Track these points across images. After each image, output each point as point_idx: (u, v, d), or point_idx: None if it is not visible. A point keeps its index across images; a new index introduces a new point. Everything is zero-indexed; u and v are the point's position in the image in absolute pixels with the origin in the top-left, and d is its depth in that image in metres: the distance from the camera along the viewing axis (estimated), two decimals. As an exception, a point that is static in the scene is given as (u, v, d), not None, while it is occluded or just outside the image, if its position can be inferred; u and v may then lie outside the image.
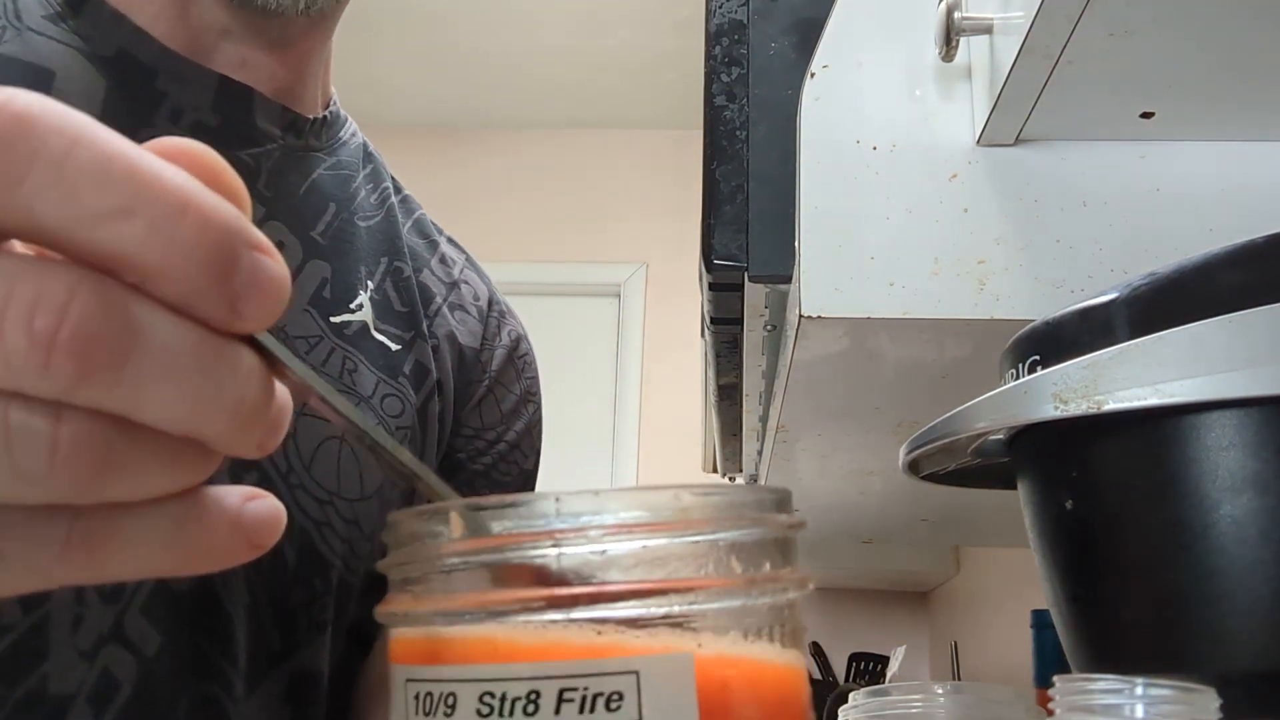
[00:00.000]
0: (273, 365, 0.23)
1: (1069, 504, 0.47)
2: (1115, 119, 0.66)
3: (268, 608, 0.57)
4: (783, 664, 0.25)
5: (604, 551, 0.22)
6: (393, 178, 0.74)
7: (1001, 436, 0.53)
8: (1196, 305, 0.43)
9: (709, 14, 0.82)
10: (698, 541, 0.23)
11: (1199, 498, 0.42)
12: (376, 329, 0.65)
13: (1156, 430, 0.44)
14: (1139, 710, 0.36)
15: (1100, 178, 0.67)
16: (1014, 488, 0.54)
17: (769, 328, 0.84)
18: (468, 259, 0.79)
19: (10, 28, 0.55)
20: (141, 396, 0.20)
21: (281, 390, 0.23)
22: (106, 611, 0.50)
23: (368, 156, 0.72)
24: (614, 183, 2.92)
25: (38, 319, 0.19)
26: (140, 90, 0.57)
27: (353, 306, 0.64)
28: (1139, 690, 0.36)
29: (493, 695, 0.22)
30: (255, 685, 0.56)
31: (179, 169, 0.21)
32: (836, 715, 0.75)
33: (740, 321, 0.85)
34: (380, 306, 0.66)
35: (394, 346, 0.66)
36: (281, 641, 0.58)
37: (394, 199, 0.73)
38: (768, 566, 0.25)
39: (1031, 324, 0.51)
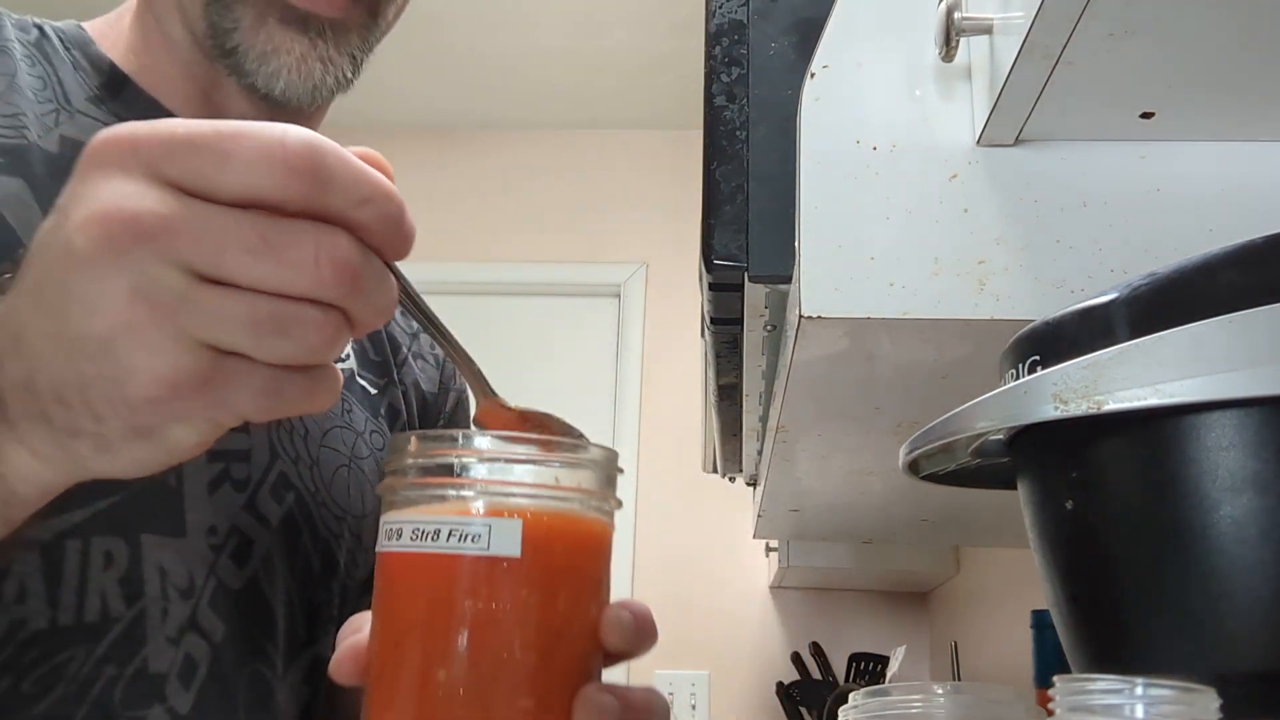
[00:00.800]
0: (397, 278, 0.41)
1: (1069, 504, 0.47)
2: (1115, 119, 0.66)
3: (299, 603, 0.67)
4: (577, 520, 0.44)
5: (477, 462, 0.44)
6: None
7: (1001, 436, 0.53)
8: (1196, 305, 0.43)
9: (709, 14, 0.82)
10: (532, 463, 0.44)
11: (1199, 498, 0.42)
12: (359, 375, 0.76)
13: (1156, 430, 0.44)
14: (1139, 710, 0.36)
15: (1100, 178, 0.67)
16: (1014, 488, 0.54)
17: (769, 328, 0.84)
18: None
19: (63, 110, 0.64)
20: (358, 284, 0.37)
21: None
22: (185, 606, 0.60)
23: None
24: (614, 183, 2.92)
25: (322, 253, 0.36)
26: None
27: (343, 356, 0.74)
28: (1139, 690, 0.36)
29: (420, 529, 0.42)
30: (288, 666, 0.66)
31: (376, 170, 0.38)
32: (836, 715, 0.75)
33: (740, 321, 0.85)
34: (360, 355, 0.77)
35: (373, 391, 0.77)
36: (307, 632, 0.68)
37: None
38: (581, 480, 0.44)
39: (1031, 324, 0.51)
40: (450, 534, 0.42)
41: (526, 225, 2.92)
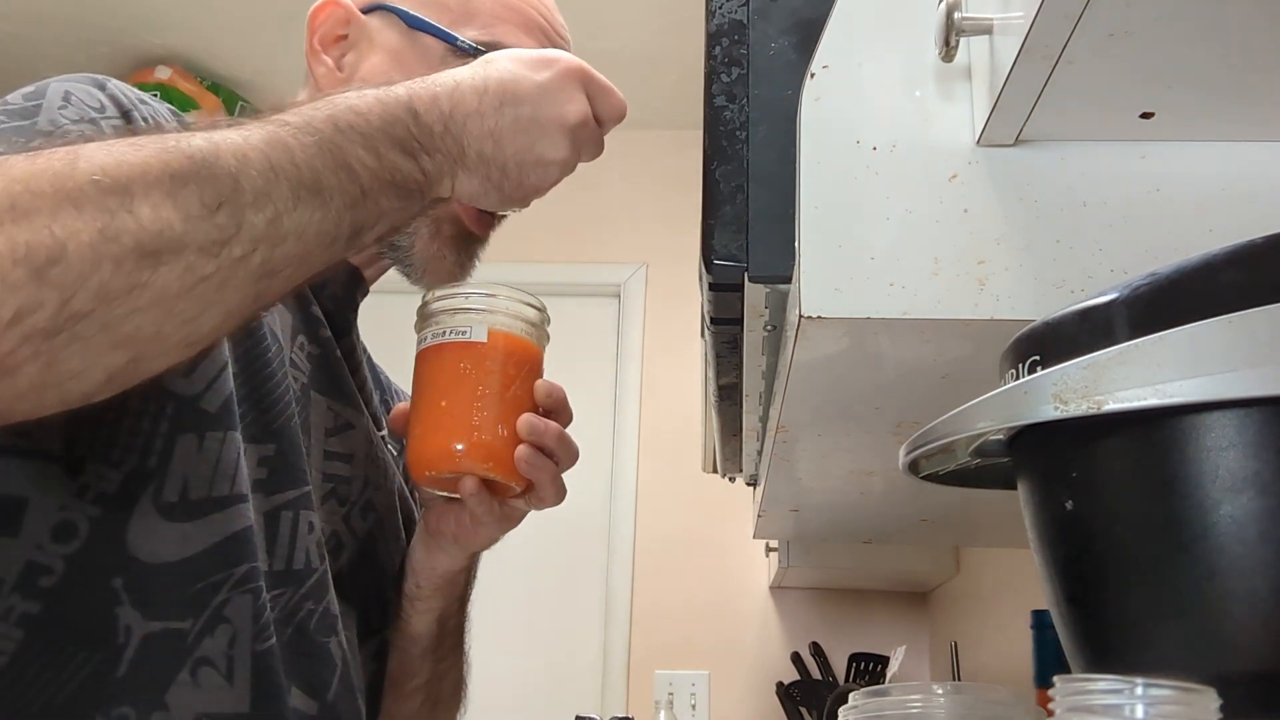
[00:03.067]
0: None
1: (1069, 504, 0.47)
2: (1115, 119, 0.66)
3: (374, 596, 0.89)
4: (518, 337, 0.81)
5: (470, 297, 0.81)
6: None
7: (1001, 436, 0.53)
8: (1196, 305, 0.43)
9: (709, 14, 0.82)
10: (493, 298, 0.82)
11: (1199, 498, 0.42)
12: (387, 440, 0.97)
13: (1156, 430, 0.44)
14: (1139, 710, 0.36)
15: (1100, 178, 0.67)
16: (1014, 488, 0.54)
17: (769, 328, 0.84)
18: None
19: None
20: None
21: None
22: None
23: None
24: (614, 183, 2.91)
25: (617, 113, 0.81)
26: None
27: (383, 424, 0.96)
28: (1139, 690, 0.36)
29: (436, 331, 0.81)
30: (364, 641, 0.88)
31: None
32: (836, 715, 0.75)
33: (740, 321, 0.85)
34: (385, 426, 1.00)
35: (395, 451, 0.97)
36: (379, 619, 0.90)
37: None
38: (518, 309, 0.82)
39: (1031, 324, 0.51)
40: (451, 332, 0.79)
41: (526, 225, 2.91)
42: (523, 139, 0.71)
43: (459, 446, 0.77)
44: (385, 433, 0.95)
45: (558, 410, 0.83)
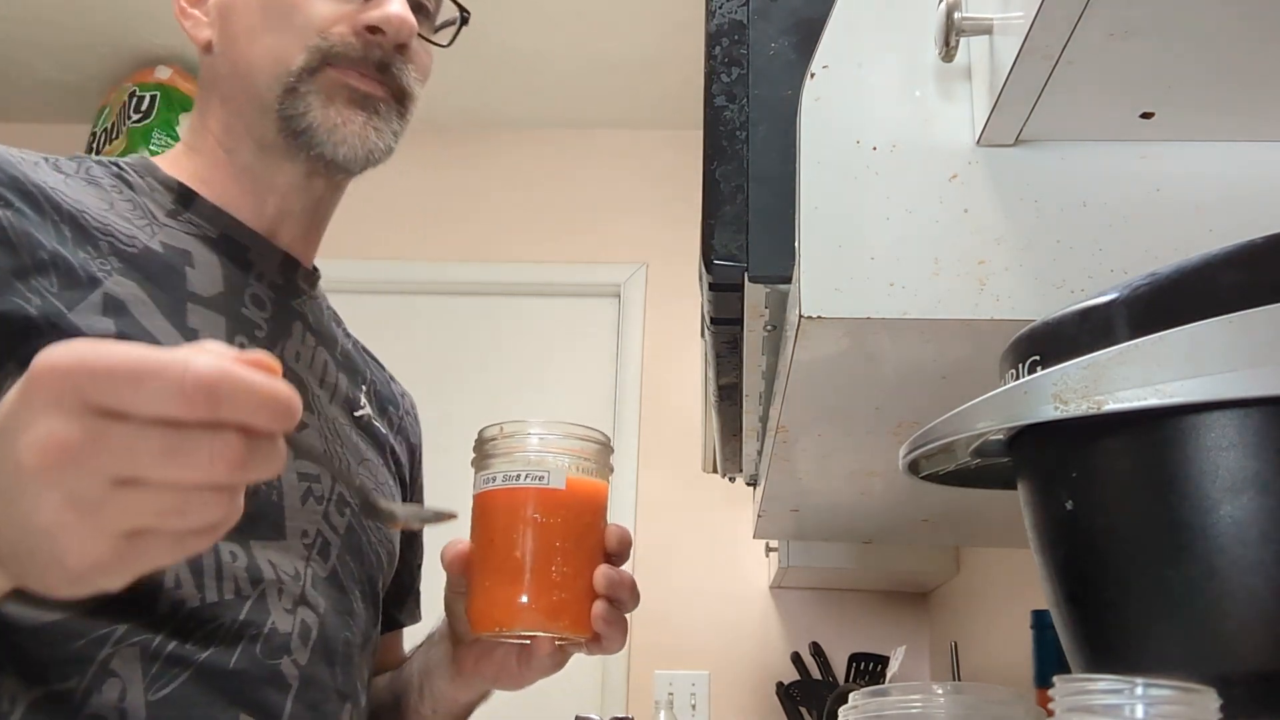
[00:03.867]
0: (288, 440, 0.49)
1: (1069, 504, 0.47)
2: (1115, 119, 0.66)
3: (367, 592, 0.88)
4: (593, 480, 0.78)
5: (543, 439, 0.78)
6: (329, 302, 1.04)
7: (1001, 436, 0.53)
8: (1196, 305, 0.43)
9: (709, 14, 0.82)
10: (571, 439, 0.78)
11: (1199, 498, 0.42)
12: (374, 420, 0.95)
13: (1156, 430, 0.44)
14: (1139, 710, 0.36)
15: (1100, 178, 0.67)
16: (1014, 488, 0.54)
17: (769, 328, 0.84)
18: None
19: (153, 223, 0.82)
20: (247, 469, 0.46)
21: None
22: (296, 585, 0.79)
23: (324, 295, 0.98)
24: (614, 183, 2.91)
25: (215, 453, 0.45)
26: (240, 261, 0.85)
27: (361, 404, 0.94)
28: (1139, 690, 0.36)
29: (508, 473, 0.76)
30: (364, 640, 0.86)
31: (263, 372, 0.46)
32: (836, 715, 0.75)
33: (740, 321, 0.85)
34: (374, 407, 0.97)
35: (384, 431, 0.97)
36: (372, 615, 0.89)
37: (345, 327, 1.01)
38: (593, 450, 0.79)
39: (1031, 324, 0.51)
40: (527, 475, 0.75)
41: (526, 225, 2.91)
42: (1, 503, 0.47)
43: (536, 604, 0.75)
44: (364, 413, 0.93)
45: (624, 552, 0.81)
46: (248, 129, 0.86)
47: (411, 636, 1.03)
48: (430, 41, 0.91)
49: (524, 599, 0.74)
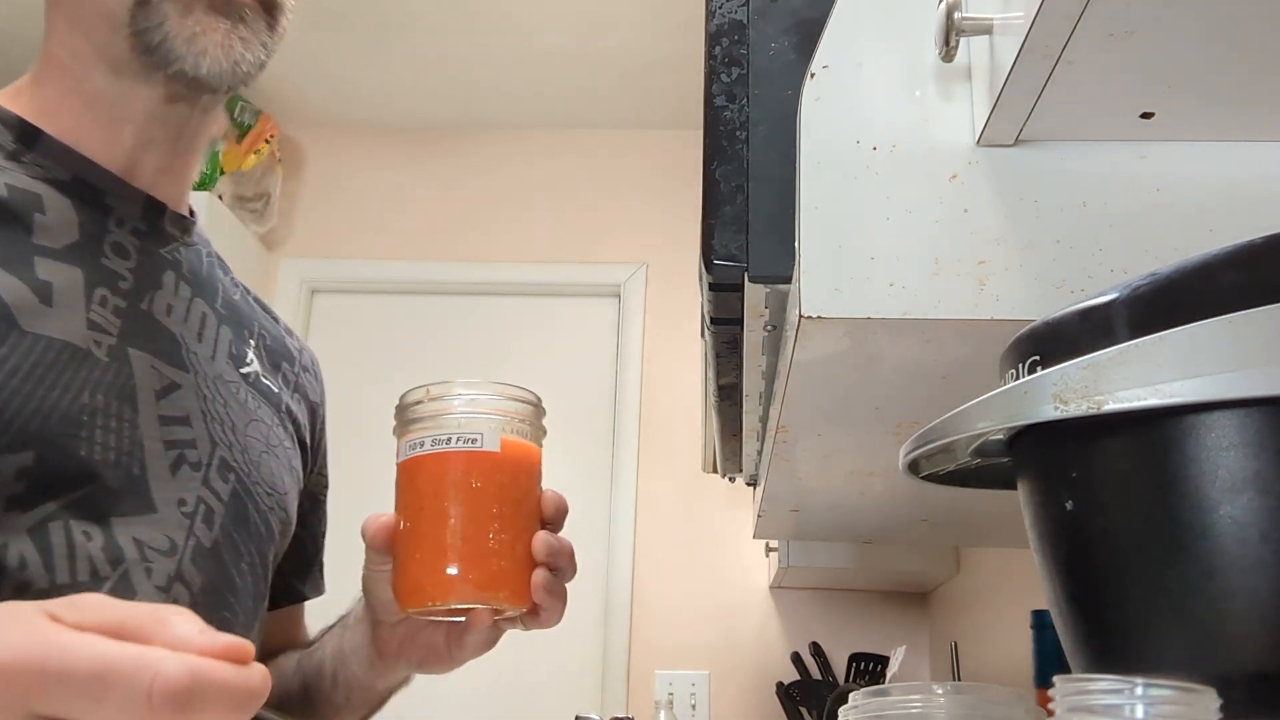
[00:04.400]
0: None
1: (1069, 504, 0.47)
2: (1115, 119, 0.66)
3: (256, 563, 0.82)
4: (527, 443, 0.73)
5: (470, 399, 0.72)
6: (214, 249, 0.93)
7: (1001, 436, 0.53)
8: (1196, 305, 0.43)
9: (709, 15, 0.82)
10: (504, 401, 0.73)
11: (1199, 498, 0.42)
12: (263, 377, 0.88)
13: (1156, 430, 0.44)
14: (1139, 710, 0.36)
15: (1100, 178, 0.67)
16: (1014, 488, 0.54)
17: (769, 328, 0.84)
18: (289, 326, 1.02)
19: None
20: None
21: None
22: (169, 562, 0.73)
23: (206, 242, 0.90)
24: (614, 183, 2.91)
25: None
26: (96, 206, 0.77)
27: (248, 360, 0.87)
28: (1139, 690, 0.36)
29: (438, 437, 0.70)
30: (249, 616, 0.82)
31: (239, 673, 0.41)
32: (836, 715, 0.75)
33: (740, 321, 0.85)
34: (262, 362, 0.90)
35: (275, 389, 0.90)
36: (258, 587, 0.83)
37: (233, 276, 0.93)
38: (526, 410, 0.73)
39: (1031, 324, 0.51)
40: (458, 439, 0.70)
41: (527, 225, 2.92)
42: None
43: (472, 575, 0.69)
44: (250, 369, 0.86)
45: (560, 519, 0.76)
46: (97, 51, 0.76)
47: (317, 612, 0.98)
48: None
49: (459, 569, 0.69)
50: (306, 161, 2.98)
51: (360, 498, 0.98)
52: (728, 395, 1.08)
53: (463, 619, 0.75)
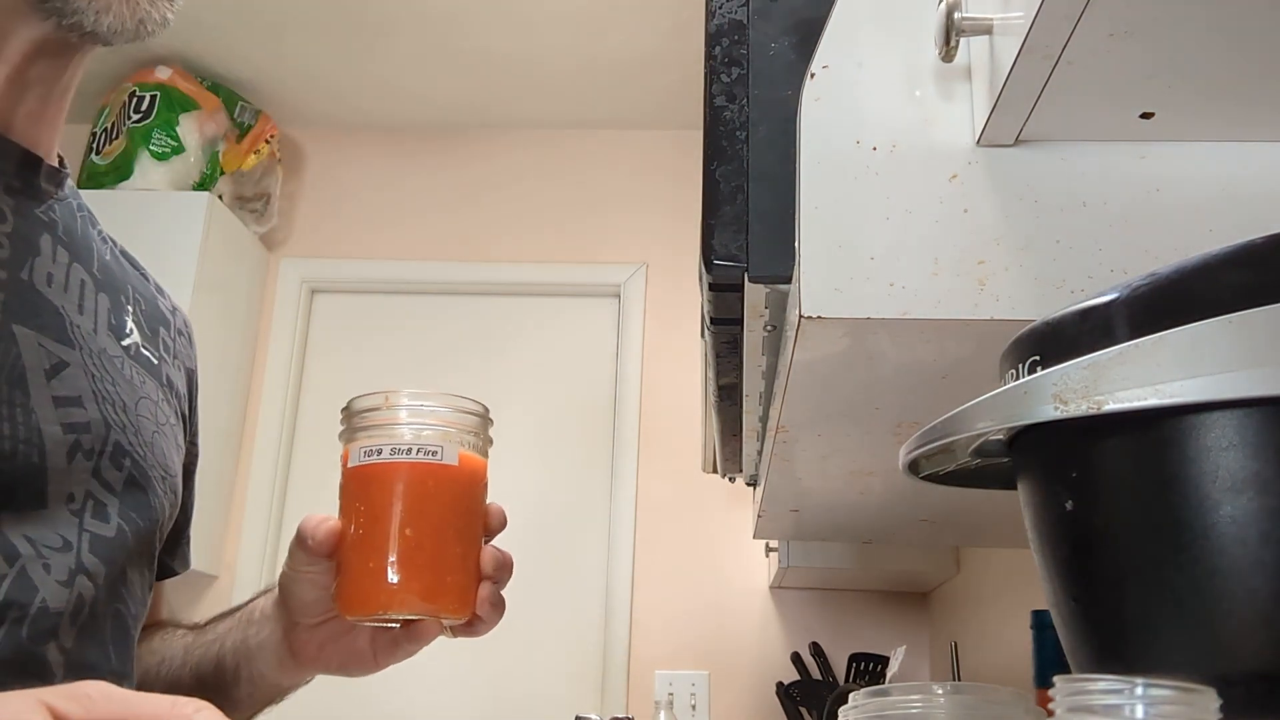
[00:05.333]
0: None
1: (1069, 504, 0.47)
2: (1115, 119, 0.66)
3: (144, 550, 0.77)
4: (479, 457, 0.73)
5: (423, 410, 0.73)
6: (84, 201, 0.86)
7: (1001, 436, 0.53)
8: (1196, 305, 0.43)
9: (709, 14, 0.82)
10: (459, 413, 0.73)
11: (1199, 498, 0.42)
12: (143, 348, 0.82)
13: (1156, 430, 0.44)
14: (1139, 710, 0.36)
15: (1100, 178, 0.67)
16: (1014, 488, 0.54)
17: (769, 328, 0.84)
18: (159, 284, 0.93)
19: None
20: None
21: None
22: (68, 556, 0.68)
23: (76, 192, 0.82)
24: (614, 183, 2.91)
25: None
26: None
27: (128, 330, 0.80)
28: (1139, 690, 0.36)
29: (396, 447, 0.71)
30: (139, 606, 0.78)
31: None
32: (836, 715, 0.75)
33: (740, 321, 0.85)
34: (140, 331, 0.82)
35: (154, 361, 0.83)
36: (147, 575, 0.79)
37: (103, 230, 0.85)
38: (478, 424, 0.74)
39: (1031, 324, 0.51)
40: (419, 450, 0.71)
41: (527, 225, 2.92)
42: None
43: (425, 585, 0.70)
44: (131, 343, 0.80)
45: (501, 530, 0.76)
46: None
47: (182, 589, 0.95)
48: None
49: (411, 581, 0.69)
50: (306, 161, 2.98)
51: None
52: (728, 395, 1.08)
53: (398, 625, 0.75)
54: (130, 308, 0.81)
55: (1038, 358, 0.48)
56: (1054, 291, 0.66)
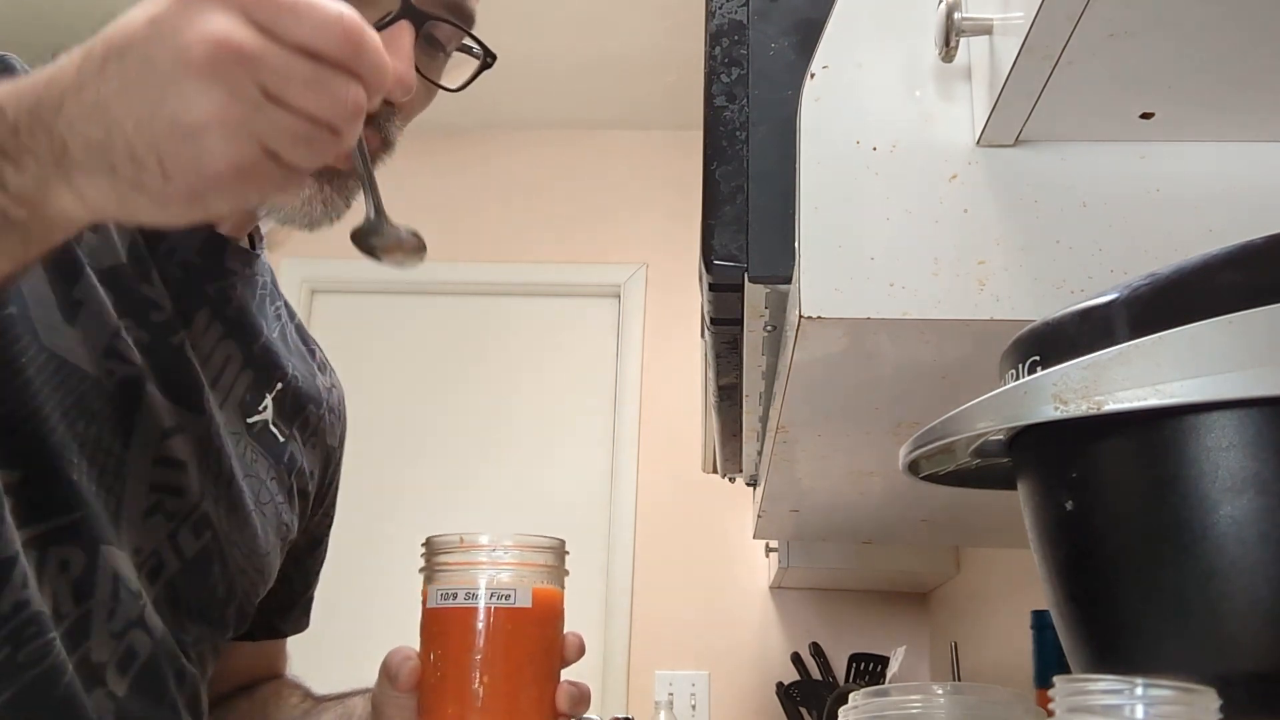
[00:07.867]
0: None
1: (1069, 504, 0.47)
2: (1115, 119, 0.66)
3: (210, 617, 0.81)
4: (555, 590, 0.74)
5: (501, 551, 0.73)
6: (273, 277, 0.93)
7: (1001, 437, 0.53)
8: (1196, 305, 0.43)
9: (709, 15, 0.82)
10: (532, 551, 0.75)
11: (1199, 498, 0.42)
12: (272, 424, 0.86)
13: (1156, 430, 0.44)
14: (1139, 710, 0.36)
15: (1100, 178, 0.67)
16: (1014, 488, 0.54)
17: (769, 328, 0.84)
18: (326, 358, 1.00)
19: None
20: (361, 117, 0.50)
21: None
22: (135, 605, 0.72)
23: (266, 269, 0.90)
24: (614, 183, 2.91)
25: (349, 96, 0.49)
26: (148, 231, 0.75)
27: (261, 408, 0.85)
28: (1139, 690, 0.36)
29: (471, 592, 0.72)
30: (205, 667, 0.82)
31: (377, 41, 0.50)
32: (836, 715, 0.75)
33: (740, 322, 0.85)
34: (278, 406, 0.87)
35: (280, 439, 0.87)
36: (213, 639, 0.82)
37: (284, 304, 0.92)
38: (553, 557, 0.75)
39: (1031, 324, 0.51)
40: (492, 594, 0.72)
41: (527, 225, 2.92)
42: (139, 102, 0.47)
43: None
44: (258, 420, 0.84)
45: (578, 658, 0.77)
46: None
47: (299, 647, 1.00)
48: (436, 85, 0.82)
49: None
50: (306, 161, 2.98)
51: (358, 498, 0.99)
52: (728, 395, 1.08)
53: None
54: (279, 386, 0.87)
55: (1038, 358, 0.48)
56: (1054, 292, 0.66)
